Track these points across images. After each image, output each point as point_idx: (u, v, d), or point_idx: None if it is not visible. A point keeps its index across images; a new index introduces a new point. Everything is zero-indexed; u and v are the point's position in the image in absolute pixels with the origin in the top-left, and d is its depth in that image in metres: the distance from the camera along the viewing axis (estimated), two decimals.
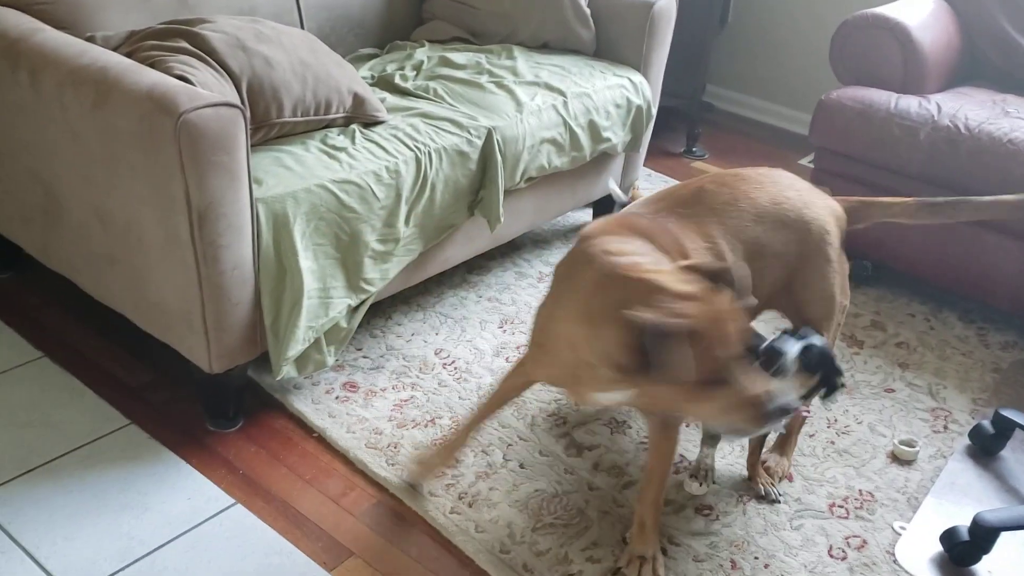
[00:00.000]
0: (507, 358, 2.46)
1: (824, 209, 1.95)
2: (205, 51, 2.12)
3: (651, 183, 3.59)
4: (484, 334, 2.56)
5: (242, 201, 1.89)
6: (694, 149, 3.91)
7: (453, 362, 2.43)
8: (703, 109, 4.14)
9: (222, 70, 2.09)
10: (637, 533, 1.87)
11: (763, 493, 2.06)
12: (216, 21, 2.21)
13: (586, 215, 3.26)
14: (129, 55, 2.08)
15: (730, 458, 2.17)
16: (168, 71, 1.98)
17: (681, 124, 4.00)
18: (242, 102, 2.06)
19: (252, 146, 2.09)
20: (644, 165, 3.66)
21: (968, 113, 2.65)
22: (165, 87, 1.83)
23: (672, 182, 3.61)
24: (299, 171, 2.05)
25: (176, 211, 1.84)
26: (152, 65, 2.01)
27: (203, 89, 1.94)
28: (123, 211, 1.97)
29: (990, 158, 2.54)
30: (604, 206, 3.17)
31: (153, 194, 1.87)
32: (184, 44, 2.13)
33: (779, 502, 2.05)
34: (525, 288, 2.79)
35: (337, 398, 2.25)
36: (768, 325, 2.46)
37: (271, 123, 2.14)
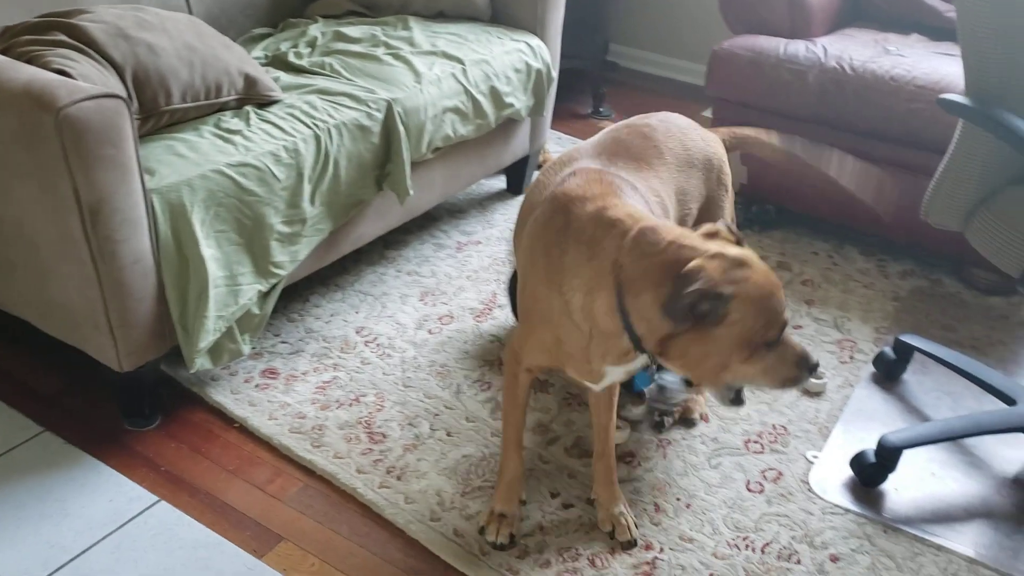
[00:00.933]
0: (430, 330, 2.47)
1: (718, 143, 2.03)
2: (85, 43, 2.05)
3: (561, 146, 3.62)
4: (405, 308, 2.56)
5: (135, 194, 1.85)
6: (601, 109, 3.94)
7: (375, 339, 2.43)
8: (607, 69, 4.17)
9: (104, 61, 2.04)
10: (604, 490, 1.90)
11: (691, 418, 2.20)
12: (95, 11, 2.15)
13: (499, 182, 3.27)
14: (4, 52, 2.01)
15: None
16: (46, 66, 1.92)
17: (586, 85, 4.02)
18: (127, 92, 2.02)
19: (142, 136, 2.06)
20: (553, 128, 3.70)
21: (852, 54, 2.73)
22: (42, 82, 1.77)
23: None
24: (193, 158, 2.02)
25: (67, 209, 1.80)
26: (29, 61, 1.95)
27: (84, 82, 1.89)
28: (14, 214, 1.92)
29: (874, 95, 2.62)
30: (517, 172, 3.19)
31: (42, 194, 1.82)
32: (62, 37, 2.07)
33: (697, 424, 2.19)
34: (444, 259, 2.80)
35: (257, 386, 2.24)
36: None
37: (160, 111, 2.09)
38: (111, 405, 2.14)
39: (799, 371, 1.50)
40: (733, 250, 1.49)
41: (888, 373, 2.37)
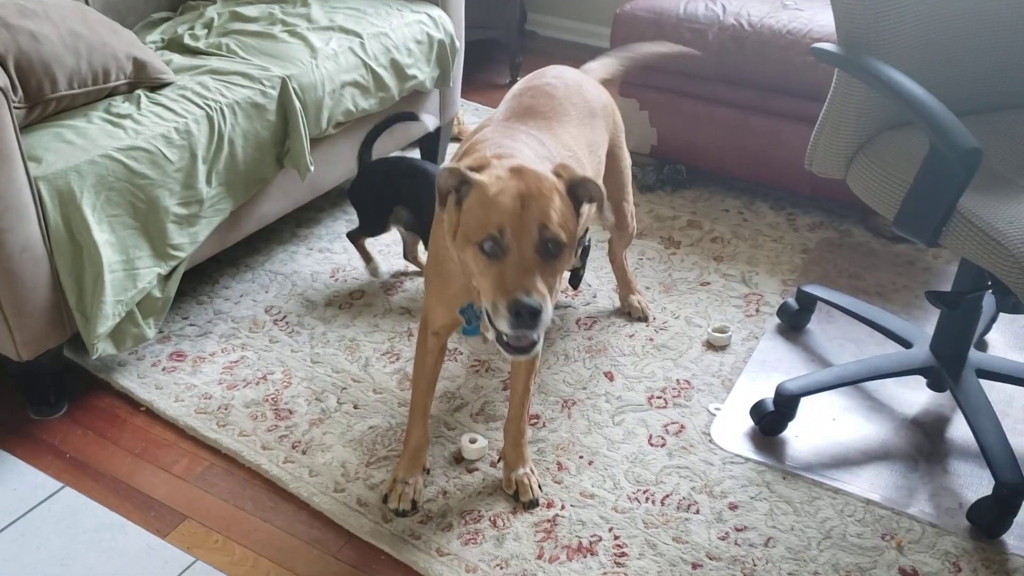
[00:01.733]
0: (340, 305, 2.48)
1: (604, 88, 2.11)
2: None
3: (478, 116, 3.62)
4: (316, 285, 2.56)
5: (17, 181, 1.83)
6: (518, 78, 3.94)
7: (284, 317, 2.43)
8: (526, 38, 4.17)
9: None
10: (512, 452, 1.92)
11: (642, 317, 2.42)
12: None
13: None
14: None
15: (555, 367, 2.26)
16: None
17: (504, 55, 4.02)
18: (11, 81, 1.99)
19: (30, 124, 2.04)
20: (470, 99, 3.70)
21: (751, 10, 2.75)
22: None
23: None
24: (81, 144, 2.00)
25: None
26: None
27: None
28: None
29: (772, 50, 2.66)
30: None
31: None
32: None
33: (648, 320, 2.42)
34: None
35: (164, 369, 2.23)
36: None
37: (47, 99, 2.07)
38: (15, 394, 2.13)
39: (508, 306, 1.39)
40: (519, 164, 1.50)
41: (792, 323, 2.42)
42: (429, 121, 2.72)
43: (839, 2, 1.78)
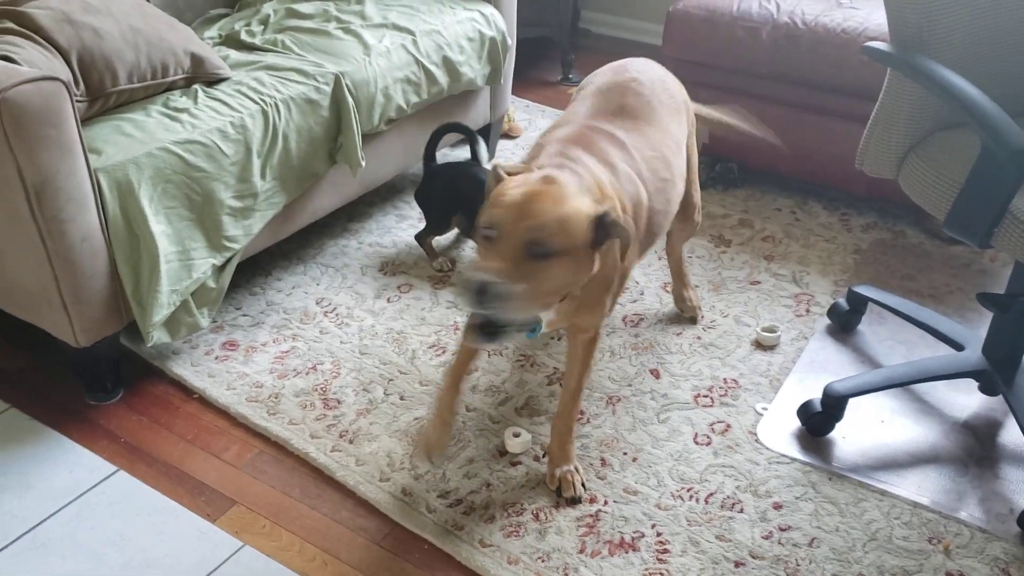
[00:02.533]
0: (388, 299, 2.51)
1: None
2: (31, 29, 2.09)
3: (529, 114, 3.63)
4: (365, 278, 2.60)
5: (79, 173, 1.89)
6: (570, 76, 3.95)
7: (334, 309, 2.47)
8: (579, 36, 4.17)
9: (50, 46, 2.07)
10: (558, 449, 1.93)
11: (693, 316, 2.42)
12: None
13: (464, 152, 3.28)
14: None
15: (600, 364, 2.26)
16: None
17: (555, 53, 4.03)
18: (73, 76, 2.05)
19: (91, 117, 2.10)
20: (521, 96, 3.71)
21: (805, 8, 2.72)
22: None
23: (550, 111, 3.65)
24: (139, 136, 2.06)
25: (12, 190, 1.84)
26: None
27: (29, 67, 1.92)
28: None
29: (827, 49, 2.62)
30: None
31: None
32: (9, 24, 2.10)
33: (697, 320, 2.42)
34: (406, 230, 2.83)
35: (216, 358, 2.28)
36: None
37: (107, 93, 2.13)
38: (74, 380, 2.19)
39: (465, 284, 1.45)
40: (551, 175, 1.57)
41: (842, 324, 2.39)
42: (482, 153, 2.74)
43: (893, 2, 1.76)
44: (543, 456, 1.99)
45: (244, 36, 2.57)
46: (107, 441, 2.06)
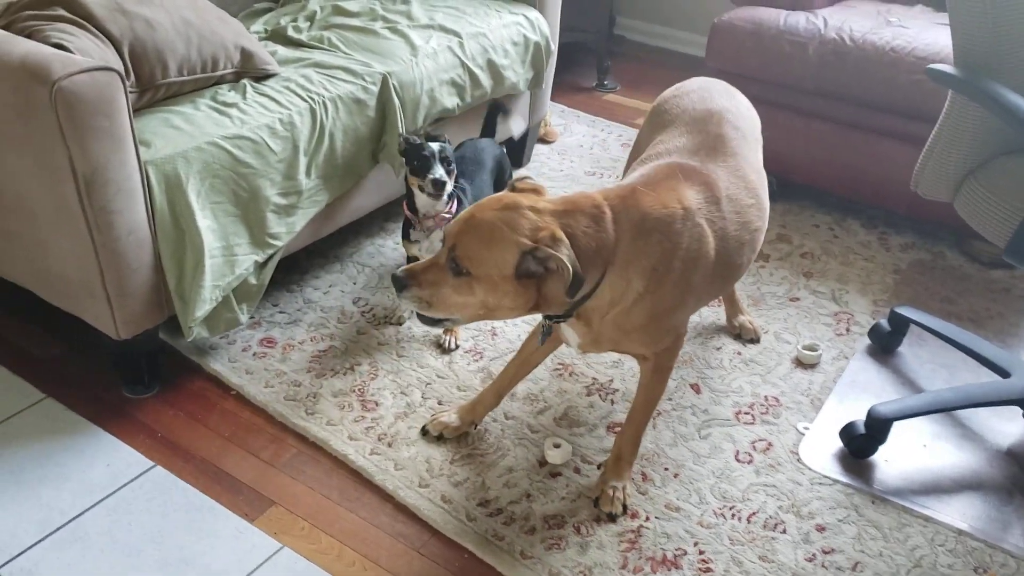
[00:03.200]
0: None
1: None
2: (84, 17, 2.08)
3: (564, 119, 3.62)
4: None
5: (129, 165, 1.88)
6: (605, 82, 3.94)
7: (371, 309, 2.46)
8: (614, 42, 4.16)
9: (102, 35, 2.06)
10: (612, 465, 1.93)
11: (755, 337, 2.39)
12: None
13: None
14: (7, 27, 2.04)
15: (631, 382, 2.24)
16: (45, 40, 1.95)
17: (591, 58, 4.01)
18: (125, 66, 2.04)
19: (140, 109, 2.09)
20: (556, 101, 3.70)
21: (853, 25, 2.71)
22: (38, 56, 1.80)
23: (585, 117, 3.64)
24: (189, 130, 2.04)
25: (62, 180, 1.83)
26: (30, 35, 1.98)
27: (82, 56, 1.91)
28: (12, 184, 1.95)
29: (875, 67, 2.61)
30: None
31: (38, 165, 1.86)
32: (62, 12, 2.09)
33: (759, 341, 2.39)
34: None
35: (254, 355, 2.27)
36: None
37: (157, 84, 2.12)
38: (111, 372, 2.18)
39: (393, 277, 1.64)
40: (513, 200, 1.61)
41: (883, 345, 2.37)
42: (516, 126, 2.71)
43: (960, 24, 1.74)
44: (599, 467, 1.98)
45: (291, 32, 2.56)
46: (144, 435, 2.05)
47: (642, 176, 1.78)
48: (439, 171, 2.18)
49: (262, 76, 2.29)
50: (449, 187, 2.20)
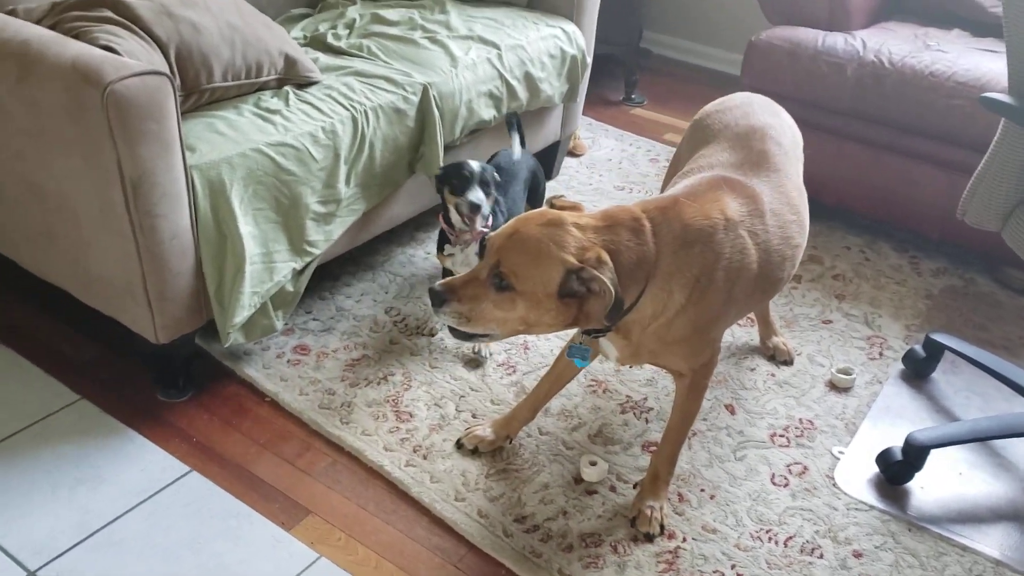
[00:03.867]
0: None
1: None
2: (130, 19, 2.08)
3: (591, 132, 3.62)
4: None
5: (176, 169, 1.88)
6: (633, 96, 3.94)
7: (404, 319, 2.45)
8: (641, 56, 4.16)
9: (148, 38, 2.06)
10: (649, 484, 1.92)
11: (789, 359, 2.37)
12: None
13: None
14: (53, 27, 2.04)
15: (665, 401, 2.24)
16: (93, 41, 1.95)
17: (619, 72, 4.02)
18: (171, 69, 2.04)
19: (184, 113, 2.09)
20: (584, 114, 3.69)
21: (892, 48, 2.71)
22: (89, 58, 1.80)
23: (612, 131, 3.64)
24: (233, 136, 2.04)
25: (109, 183, 1.83)
26: (76, 36, 1.98)
27: (129, 58, 1.91)
28: (57, 185, 1.95)
29: (912, 91, 2.61)
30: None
31: (85, 167, 1.86)
32: (109, 13, 2.09)
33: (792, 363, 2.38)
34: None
35: (288, 362, 2.27)
36: None
37: (202, 89, 2.12)
38: (145, 375, 2.18)
39: (430, 291, 1.62)
40: (556, 216, 1.62)
41: (917, 371, 2.37)
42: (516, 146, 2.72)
43: (1017, 51, 1.74)
44: (635, 486, 1.97)
45: (330, 39, 2.56)
46: (179, 440, 2.04)
47: (685, 187, 1.78)
48: (477, 194, 2.18)
49: (304, 83, 2.29)
50: (485, 210, 2.20)
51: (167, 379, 2.16)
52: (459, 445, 2.04)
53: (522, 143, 2.64)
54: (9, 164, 2.03)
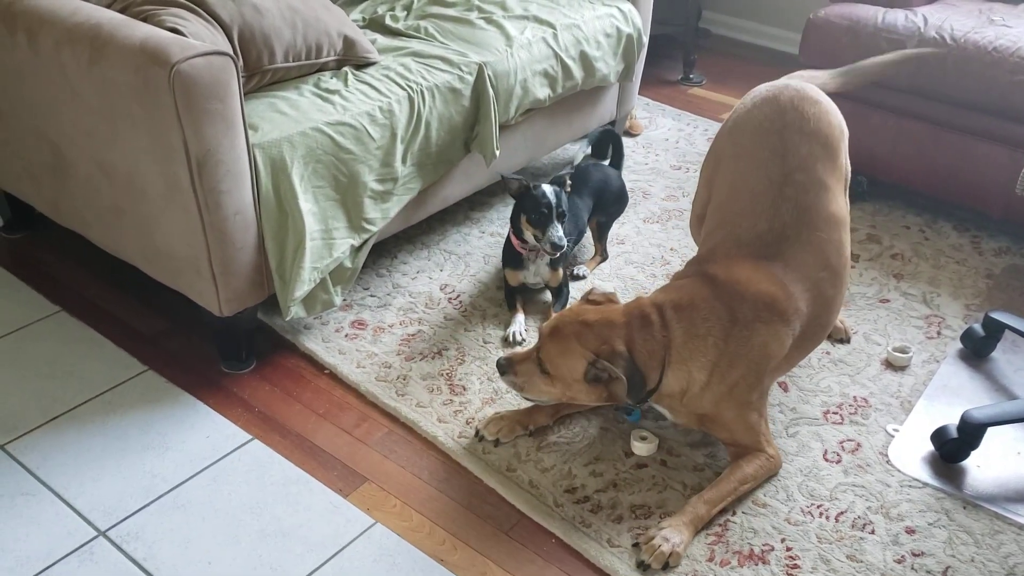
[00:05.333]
0: None
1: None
2: (195, 2, 2.15)
3: (649, 112, 3.61)
4: (487, 268, 2.62)
5: (239, 147, 1.94)
6: (691, 76, 3.92)
7: (458, 296, 2.50)
8: (699, 35, 4.13)
9: (213, 20, 2.13)
10: (677, 514, 1.82)
11: (845, 337, 2.37)
12: None
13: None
14: (122, 11, 2.12)
15: None
16: (160, 24, 2.03)
17: (677, 52, 4.00)
18: (234, 51, 2.11)
19: (246, 93, 2.15)
20: (642, 94, 3.69)
21: (954, 24, 2.65)
22: (157, 39, 1.87)
23: (670, 110, 3.63)
24: (294, 115, 2.10)
25: (175, 160, 1.90)
26: (144, 19, 2.06)
27: (195, 40, 1.98)
28: (125, 163, 2.03)
29: (976, 67, 2.55)
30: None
31: (152, 145, 1.93)
32: None
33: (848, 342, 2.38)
34: None
35: (346, 336, 2.33)
36: None
37: (264, 70, 2.18)
38: (209, 347, 2.26)
39: (498, 361, 1.99)
40: (582, 313, 1.91)
41: (976, 350, 2.33)
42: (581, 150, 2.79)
43: None
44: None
45: (388, 21, 2.60)
46: (241, 409, 2.12)
47: (709, 267, 1.94)
48: (558, 233, 2.28)
49: (363, 64, 2.34)
50: (564, 243, 2.28)
51: (230, 351, 2.23)
52: (480, 438, 2.03)
53: (615, 162, 2.70)
54: (81, 143, 2.12)
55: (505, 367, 1.95)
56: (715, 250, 1.98)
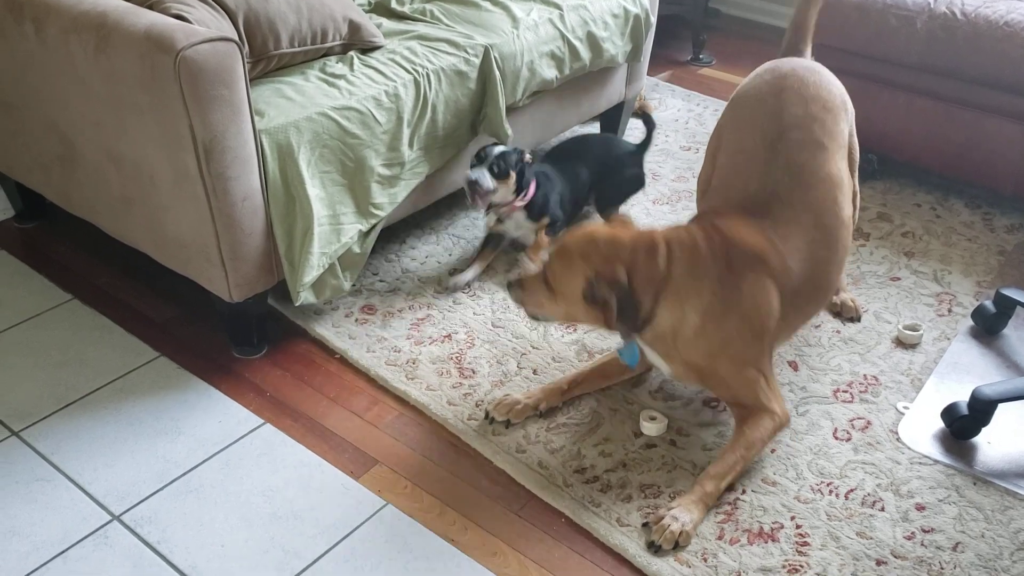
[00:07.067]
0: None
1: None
2: None
3: (659, 93, 3.60)
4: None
5: (245, 133, 1.95)
6: (701, 56, 3.90)
7: (468, 281, 2.50)
8: (709, 15, 4.11)
9: (218, 6, 2.13)
10: (687, 493, 1.83)
11: (855, 316, 2.36)
12: None
13: (593, 128, 3.28)
14: None
15: None
16: (165, 11, 2.03)
17: (687, 32, 3.98)
18: (239, 36, 2.11)
19: (252, 79, 2.15)
20: (651, 75, 3.67)
21: None
22: (162, 26, 1.87)
23: (680, 91, 3.61)
24: (300, 100, 2.10)
25: (183, 147, 1.91)
26: (149, 6, 2.06)
27: (200, 26, 1.98)
28: (133, 152, 2.04)
29: (987, 42, 2.53)
30: (610, 118, 3.19)
31: (160, 132, 1.94)
32: None
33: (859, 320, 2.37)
34: None
35: (356, 320, 2.34)
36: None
37: (269, 55, 2.18)
38: (221, 333, 2.27)
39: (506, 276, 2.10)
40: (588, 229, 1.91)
41: (987, 327, 2.32)
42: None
43: None
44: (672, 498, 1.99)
45: (394, 4, 2.60)
46: (253, 394, 2.13)
47: (716, 215, 1.94)
48: (477, 174, 2.35)
49: (369, 48, 2.34)
50: (487, 185, 2.35)
51: (242, 336, 2.25)
52: (490, 420, 2.04)
53: (642, 144, 2.75)
54: (89, 133, 2.13)
55: (514, 283, 1.97)
56: (706, 211, 2.01)
